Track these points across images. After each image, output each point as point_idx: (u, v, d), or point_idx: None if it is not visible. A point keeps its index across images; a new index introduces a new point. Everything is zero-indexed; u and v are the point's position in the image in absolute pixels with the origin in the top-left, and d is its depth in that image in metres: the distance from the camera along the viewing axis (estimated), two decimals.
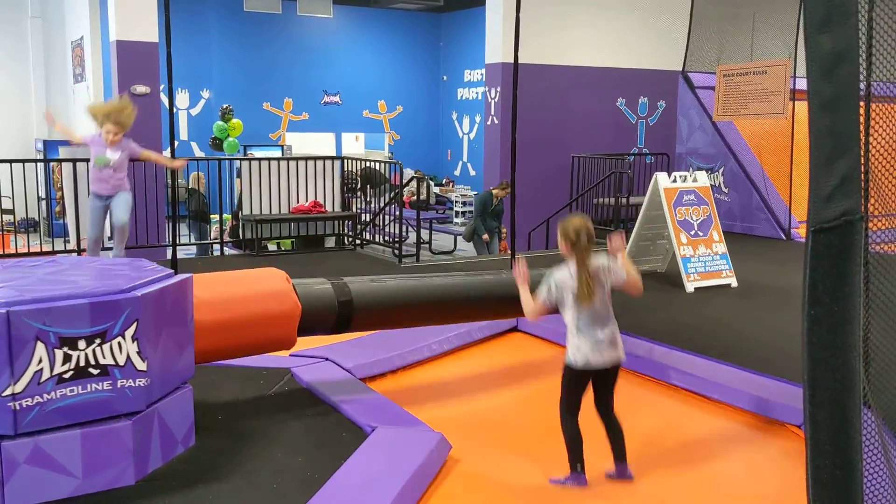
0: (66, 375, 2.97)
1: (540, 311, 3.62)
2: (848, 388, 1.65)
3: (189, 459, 3.43)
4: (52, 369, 2.94)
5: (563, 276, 3.53)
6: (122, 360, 3.08)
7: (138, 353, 3.12)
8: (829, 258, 1.65)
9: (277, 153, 13.91)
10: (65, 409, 2.99)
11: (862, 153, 3.14)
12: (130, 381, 3.11)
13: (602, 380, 3.56)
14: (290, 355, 5.02)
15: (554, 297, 3.54)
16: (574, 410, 3.56)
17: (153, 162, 6.11)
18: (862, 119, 3.18)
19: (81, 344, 2.98)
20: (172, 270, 3.59)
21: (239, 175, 9.43)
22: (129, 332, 3.09)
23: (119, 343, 3.06)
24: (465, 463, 3.73)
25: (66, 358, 2.96)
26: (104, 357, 3.04)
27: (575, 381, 3.55)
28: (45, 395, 2.93)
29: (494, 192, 10.79)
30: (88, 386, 3.02)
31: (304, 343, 5.56)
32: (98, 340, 3.02)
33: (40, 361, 2.90)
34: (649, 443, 4.02)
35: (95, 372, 3.03)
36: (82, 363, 3.00)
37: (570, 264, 3.52)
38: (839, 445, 1.63)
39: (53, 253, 8.66)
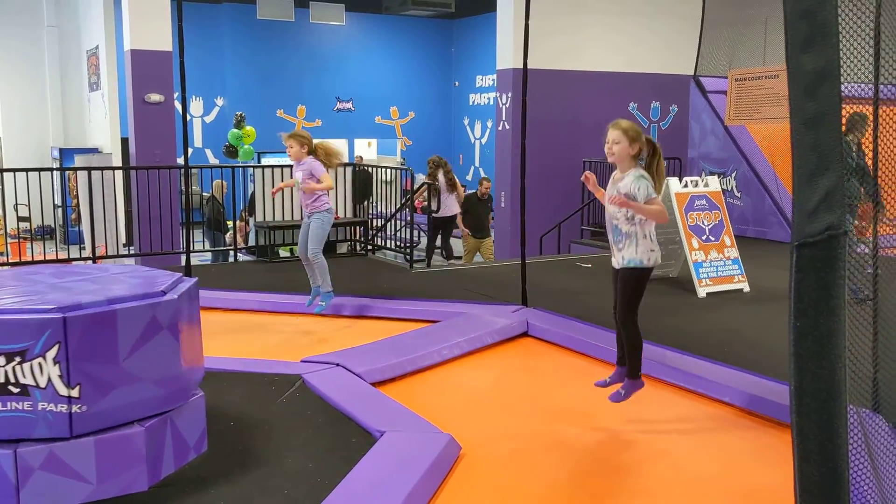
0: None
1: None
2: (834, 398, 1.68)
3: (201, 465, 3.47)
4: None
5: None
6: (42, 383, 2.93)
7: (60, 376, 2.93)
8: (813, 272, 1.69)
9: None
10: None
11: (870, 156, 3.13)
12: (52, 405, 2.95)
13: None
14: (302, 361, 5.06)
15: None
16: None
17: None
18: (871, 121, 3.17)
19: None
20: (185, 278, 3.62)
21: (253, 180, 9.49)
22: (51, 354, 2.91)
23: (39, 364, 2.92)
24: (476, 465, 3.75)
25: None
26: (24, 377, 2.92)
27: (645, 283, 4.09)
28: None
29: None
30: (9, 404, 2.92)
31: (316, 349, 5.61)
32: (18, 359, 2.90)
33: None
34: (660, 445, 4.02)
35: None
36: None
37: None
38: (826, 454, 1.67)
39: (69, 260, 8.75)
